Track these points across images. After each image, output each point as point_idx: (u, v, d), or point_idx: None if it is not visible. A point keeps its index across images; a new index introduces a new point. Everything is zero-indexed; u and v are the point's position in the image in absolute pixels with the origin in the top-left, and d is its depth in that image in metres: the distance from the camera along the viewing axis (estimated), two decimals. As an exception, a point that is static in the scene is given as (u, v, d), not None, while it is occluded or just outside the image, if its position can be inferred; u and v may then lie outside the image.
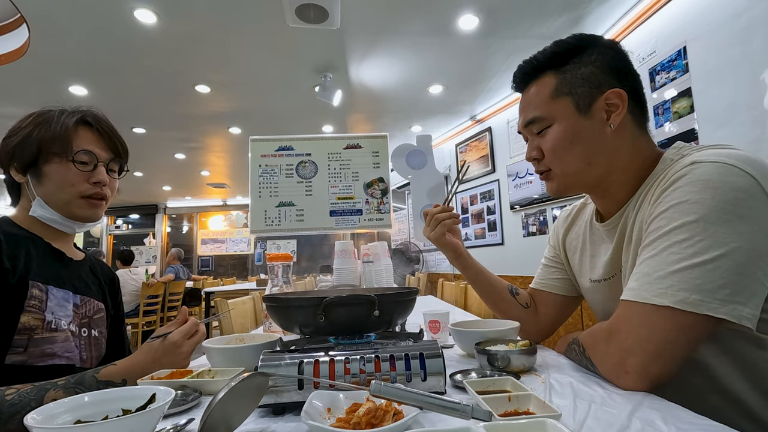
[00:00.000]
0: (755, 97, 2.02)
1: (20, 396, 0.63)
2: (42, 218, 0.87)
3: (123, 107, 4.08)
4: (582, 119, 0.77)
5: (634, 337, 0.62)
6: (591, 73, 0.76)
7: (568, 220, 1.02)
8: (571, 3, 2.65)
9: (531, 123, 0.81)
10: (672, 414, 0.52)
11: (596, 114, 0.76)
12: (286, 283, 1.15)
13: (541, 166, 0.83)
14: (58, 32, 2.76)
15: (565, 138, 0.78)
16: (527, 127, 0.83)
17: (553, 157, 0.80)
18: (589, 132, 0.77)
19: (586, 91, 0.76)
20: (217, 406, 0.44)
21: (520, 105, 0.85)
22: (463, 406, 0.44)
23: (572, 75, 0.77)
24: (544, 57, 0.82)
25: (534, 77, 0.82)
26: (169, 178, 7.42)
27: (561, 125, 0.78)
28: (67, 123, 0.86)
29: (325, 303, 0.66)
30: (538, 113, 0.80)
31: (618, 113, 0.75)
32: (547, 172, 0.83)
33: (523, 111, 0.84)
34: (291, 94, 3.88)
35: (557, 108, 0.78)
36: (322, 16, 2.53)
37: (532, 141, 0.84)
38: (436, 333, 1.07)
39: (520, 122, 0.84)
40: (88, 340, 0.88)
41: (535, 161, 0.84)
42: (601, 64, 0.77)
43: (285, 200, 1.33)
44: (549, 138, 0.79)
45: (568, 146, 0.78)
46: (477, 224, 4.67)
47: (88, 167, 0.87)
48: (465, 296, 2.08)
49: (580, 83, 0.77)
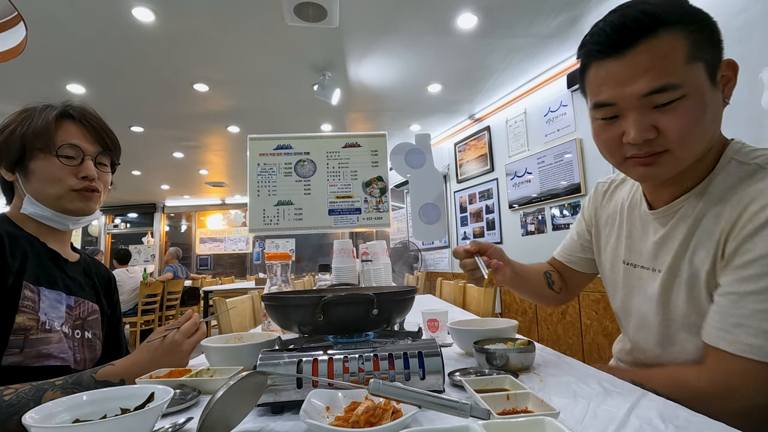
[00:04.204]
0: (753, 96, 2.03)
1: (18, 396, 0.63)
2: (34, 215, 0.86)
3: (121, 106, 4.07)
4: (713, 90, 0.64)
5: (751, 403, 0.59)
6: (710, 39, 0.64)
7: (606, 195, 0.97)
8: (570, 2, 2.65)
9: (659, 91, 0.62)
10: (670, 412, 0.52)
11: (718, 86, 0.65)
12: (284, 282, 1.14)
13: (655, 146, 0.66)
14: (56, 30, 2.75)
15: (702, 114, 0.63)
16: (649, 97, 0.63)
17: (683, 137, 0.64)
18: (717, 106, 0.65)
19: (712, 58, 0.63)
20: (215, 405, 0.44)
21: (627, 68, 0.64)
22: (462, 405, 0.44)
23: (702, 36, 0.63)
24: (668, 7, 0.63)
25: (651, 32, 0.62)
26: (167, 177, 7.40)
27: (697, 98, 0.63)
28: (47, 117, 0.84)
29: (323, 302, 0.66)
30: (673, 80, 0.62)
31: (731, 86, 0.66)
32: (660, 155, 0.67)
33: (642, 74, 0.63)
34: (289, 93, 3.88)
35: (693, 76, 0.62)
36: (320, 15, 2.52)
37: (643, 117, 0.65)
38: (435, 332, 1.07)
39: (633, 89, 0.64)
40: (81, 341, 0.87)
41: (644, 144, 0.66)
42: (711, 32, 0.65)
43: (283, 199, 1.33)
44: (683, 113, 0.63)
45: (703, 125, 0.64)
46: (476, 223, 4.67)
47: (75, 161, 0.86)
48: (464, 295, 2.08)
49: (705, 47, 0.63)
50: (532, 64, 3.50)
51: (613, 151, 0.72)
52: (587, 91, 0.73)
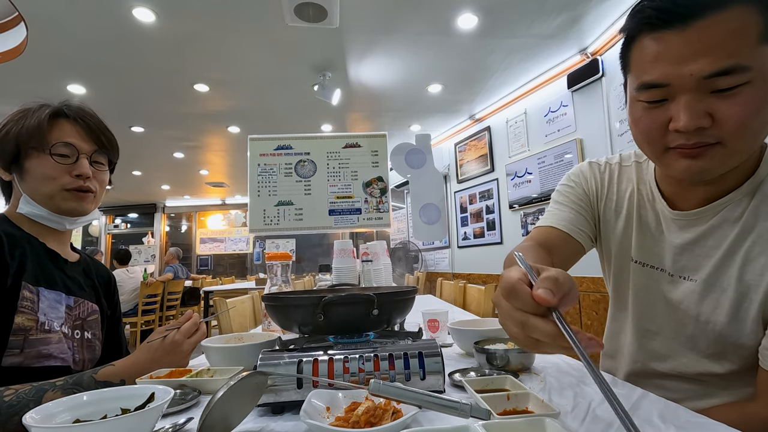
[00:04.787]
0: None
1: (19, 397, 0.63)
2: (30, 215, 0.85)
3: (121, 106, 4.07)
4: None
5: None
6: None
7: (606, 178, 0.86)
8: (570, 2, 2.65)
9: (725, 74, 0.53)
10: (670, 412, 0.52)
11: None
12: (285, 282, 1.14)
13: (707, 136, 0.57)
14: (56, 31, 2.75)
15: (766, 105, 0.55)
16: (711, 79, 0.54)
17: (741, 128, 0.55)
18: None
19: None
20: (216, 405, 0.44)
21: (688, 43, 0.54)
22: (462, 405, 0.44)
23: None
24: None
25: (724, 4, 0.53)
26: (167, 177, 7.40)
27: (764, 86, 0.54)
28: (40, 116, 0.84)
29: (324, 302, 0.66)
30: (743, 61, 0.53)
31: None
32: (711, 147, 0.57)
33: (706, 52, 0.54)
34: (290, 93, 3.88)
35: (764, 59, 0.54)
36: (321, 15, 2.52)
37: (699, 101, 0.56)
38: (435, 332, 1.07)
39: (693, 69, 0.54)
40: (81, 342, 0.87)
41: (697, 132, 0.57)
42: None
43: (284, 199, 1.33)
44: (744, 101, 0.54)
45: (764, 117, 0.56)
46: (476, 223, 4.67)
47: (69, 159, 0.85)
48: (464, 295, 2.08)
49: None
50: (532, 65, 3.50)
51: (653, 140, 0.61)
52: (632, 68, 0.62)
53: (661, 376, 0.79)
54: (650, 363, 0.81)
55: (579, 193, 0.87)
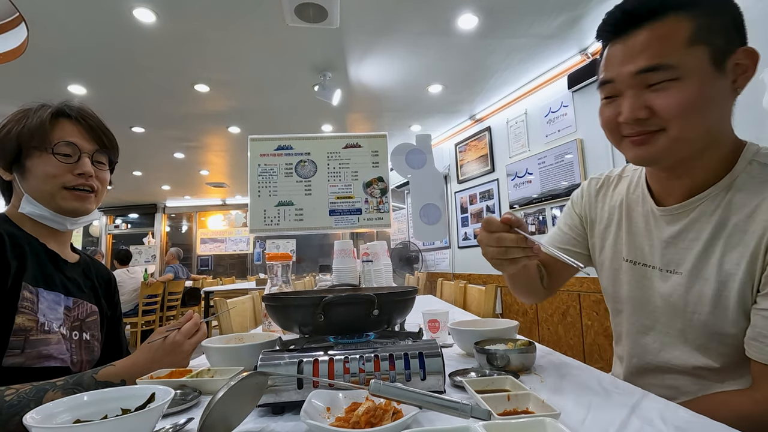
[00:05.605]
0: (754, 96, 2.02)
1: (19, 396, 0.63)
2: (32, 215, 0.86)
3: (122, 106, 4.08)
4: (716, 76, 0.63)
5: None
6: (726, 24, 0.64)
7: (600, 192, 0.94)
8: (570, 2, 2.65)
9: (651, 70, 0.64)
10: (671, 413, 0.52)
11: (728, 73, 0.64)
12: (285, 283, 1.14)
13: (649, 125, 0.66)
14: (57, 31, 2.75)
15: (698, 97, 0.63)
16: (641, 75, 0.65)
17: (675, 115, 0.64)
18: (719, 92, 0.64)
19: (723, 45, 0.63)
20: (216, 406, 0.44)
21: (625, 49, 0.67)
22: (463, 405, 0.44)
23: (710, 21, 0.63)
24: None
25: (656, 16, 0.64)
26: (168, 178, 7.40)
27: (694, 81, 0.62)
28: (42, 116, 0.85)
29: (324, 302, 0.66)
30: (668, 60, 0.63)
31: (746, 76, 0.65)
32: (655, 133, 0.67)
33: (634, 55, 0.65)
34: (290, 94, 3.88)
35: (692, 58, 0.62)
36: (321, 16, 2.52)
37: (637, 96, 0.66)
38: (436, 332, 1.07)
39: (628, 69, 0.66)
40: (79, 343, 0.87)
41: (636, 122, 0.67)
42: (731, 18, 0.65)
43: (284, 199, 1.33)
44: (675, 94, 0.63)
45: (700, 107, 0.63)
46: (476, 224, 4.67)
47: (71, 159, 0.86)
48: (464, 295, 2.08)
49: (718, 32, 0.63)
50: (532, 65, 3.50)
51: (612, 131, 0.73)
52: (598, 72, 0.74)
53: (657, 370, 0.81)
54: (646, 357, 0.83)
55: (574, 217, 0.99)
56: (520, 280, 0.99)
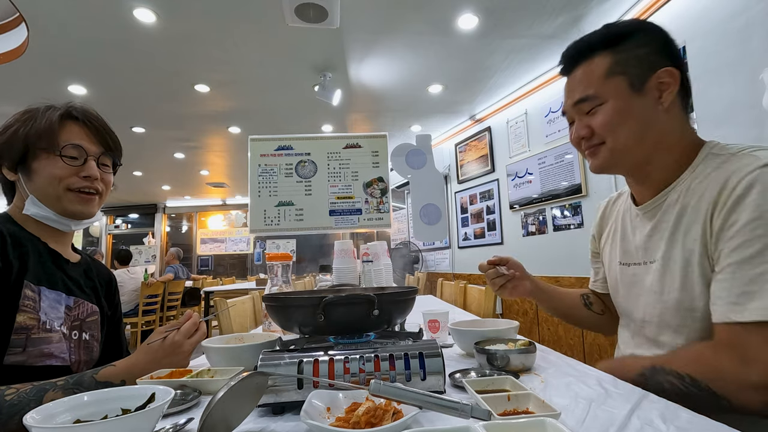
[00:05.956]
0: (754, 96, 2.02)
1: (20, 396, 0.63)
2: (36, 216, 0.86)
3: (122, 107, 4.08)
4: (635, 97, 0.77)
5: None
6: (645, 54, 0.77)
7: (605, 212, 1.05)
8: (571, 2, 2.65)
9: (582, 101, 0.81)
10: (671, 413, 0.52)
11: (649, 92, 0.77)
12: (285, 283, 1.14)
13: (593, 140, 0.82)
14: (57, 31, 2.76)
15: (618, 114, 0.78)
16: (577, 106, 0.83)
17: (606, 131, 0.80)
18: (641, 109, 0.77)
19: (640, 71, 0.77)
20: (216, 406, 0.44)
21: (568, 86, 0.86)
22: (463, 406, 0.44)
23: (627, 55, 0.78)
24: (598, 37, 0.81)
25: (586, 57, 0.82)
26: (168, 178, 7.41)
27: (615, 103, 0.78)
28: (51, 117, 0.85)
29: (324, 302, 0.66)
30: (591, 91, 0.80)
31: (670, 92, 0.76)
32: (598, 146, 0.82)
33: (573, 90, 0.84)
34: (290, 94, 3.88)
35: (611, 86, 0.78)
36: (321, 16, 2.52)
37: (580, 121, 0.84)
38: (436, 332, 1.07)
39: (569, 102, 0.84)
40: (78, 343, 0.87)
41: (583, 140, 0.84)
42: (654, 46, 0.78)
43: (284, 200, 1.33)
44: (601, 115, 0.79)
45: (622, 122, 0.78)
46: (476, 224, 4.67)
47: (78, 161, 0.87)
48: (464, 296, 2.08)
49: (634, 63, 0.77)
50: (532, 65, 3.50)
51: (578, 148, 0.89)
52: None
53: None
54: (637, 351, 0.87)
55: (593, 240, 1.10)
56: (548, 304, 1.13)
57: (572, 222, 3.48)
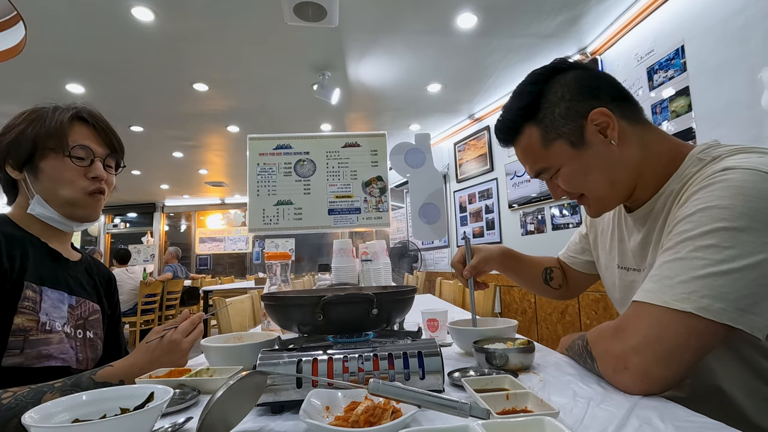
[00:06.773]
0: (753, 96, 2.03)
1: (17, 399, 0.62)
2: (41, 216, 0.86)
3: (120, 105, 4.07)
4: (583, 152, 0.76)
5: (642, 335, 0.60)
6: (567, 109, 0.75)
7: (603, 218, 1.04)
8: (570, 2, 2.65)
9: (540, 173, 0.83)
10: (670, 412, 0.52)
11: (593, 140, 0.75)
12: (284, 282, 1.14)
13: (573, 194, 0.82)
14: (55, 30, 2.75)
15: (577, 174, 0.77)
16: (539, 176, 0.84)
17: (576, 188, 0.80)
18: (596, 158, 0.76)
19: (573, 126, 0.75)
20: (215, 405, 0.44)
21: (518, 156, 0.86)
22: (462, 405, 0.44)
23: (551, 119, 0.76)
24: (515, 114, 0.80)
25: (516, 135, 0.82)
26: (167, 177, 7.40)
27: (568, 167, 0.78)
28: (61, 119, 0.86)
29: (323, 302, 0.66)
30: (541, 165, 0.80)
31: (612, 128, 0.74)
32: (581, 197, 0.82)
33: (525, 163, 0.84)
34: (289, 93, 3.88)
35: (555, 154, 0.77)
36: (320, 15, 2.52)
37: (550, 183, 0.84)
38: (435, 331, 1.07)
39: (529, 172, 0.85)
40: (83, 341, 0.88)
41: (564, 197, 0.85)
42: (570, 95, 0.75)
43: (283, 199, 1.33)
44: (562, 178, 0.79)
45: (585, 177, 0.77)
46: (475, 223, 4.68)
47: (85, 162, 0.88)
48: (463, 295, 2.08)
49: (562, 122, 0.75)
50: (531, 64, 3.49)
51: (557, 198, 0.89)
52: None
53: None
54: None
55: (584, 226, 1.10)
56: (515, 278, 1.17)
57: (571, 221, 3.48)
